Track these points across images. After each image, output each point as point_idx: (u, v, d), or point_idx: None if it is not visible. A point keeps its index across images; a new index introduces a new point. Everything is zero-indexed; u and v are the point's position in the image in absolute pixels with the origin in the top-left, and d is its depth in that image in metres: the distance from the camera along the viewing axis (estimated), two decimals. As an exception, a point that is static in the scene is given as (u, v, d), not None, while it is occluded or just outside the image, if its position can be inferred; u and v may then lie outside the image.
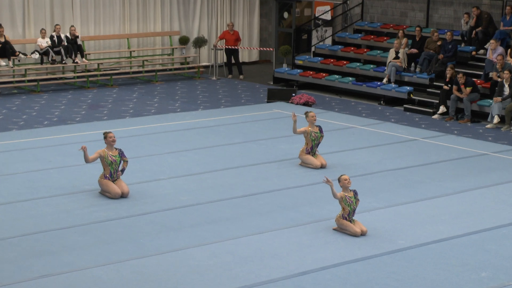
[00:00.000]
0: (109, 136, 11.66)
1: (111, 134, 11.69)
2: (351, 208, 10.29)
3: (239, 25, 25.44)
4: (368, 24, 22.82)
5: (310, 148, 13.36)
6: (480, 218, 11.07)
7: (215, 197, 11.82)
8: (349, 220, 10.32)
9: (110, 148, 11.68)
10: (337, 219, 10.39)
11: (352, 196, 10.34)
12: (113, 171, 11.66)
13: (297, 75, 21.71)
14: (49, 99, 19.69)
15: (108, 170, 11.63)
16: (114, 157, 11.63)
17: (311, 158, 13.40)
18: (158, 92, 20.93)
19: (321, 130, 13.44)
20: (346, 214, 10.31)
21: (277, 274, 9.02)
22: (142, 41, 23.82)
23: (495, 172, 13.45)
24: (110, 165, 11.61)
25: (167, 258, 9.43)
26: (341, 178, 10.37)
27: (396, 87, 19.63)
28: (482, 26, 19.75)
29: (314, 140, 13.32)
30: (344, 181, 10.33)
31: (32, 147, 14.66)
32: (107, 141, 11.67)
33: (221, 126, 16.57)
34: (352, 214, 10.35)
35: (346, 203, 10.29)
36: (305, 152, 13.42)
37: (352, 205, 10.30)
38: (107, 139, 11.67)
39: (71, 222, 10.63)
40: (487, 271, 9.20)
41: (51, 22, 21.96)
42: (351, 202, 10.30)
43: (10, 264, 9.23)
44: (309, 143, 13.34)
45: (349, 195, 10.33)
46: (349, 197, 10.31)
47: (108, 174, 11.66)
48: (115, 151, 11.73)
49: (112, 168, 11.64)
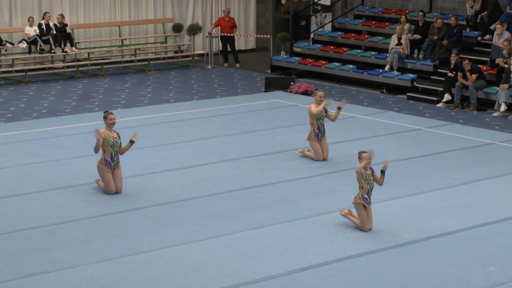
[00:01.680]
0: (110, 118, 11.49)
1: (112, 116, 11.51)
2: (369, 186, 10.19)
3: (235, 11, 25.34)
4: (369, 9, 22.82)
5: (317, 130, 13.13)
6: (487, 210, 11.05)
7: (211, 191, 11.79)
8: (369, 199, 10.18)
9: (109, 129, 11.52)
10: (356, 201, 10.23)
11: (370, 173, 10.23)
12: (114, 153, 11.51)
13: (295, 63, 21.69)
14: (38, 90, 19.68)
15: (109, 152, 11.48)
16: (114, 139, 11.50)
17: (317, 146, 13.19)
18: (151, 82, 20.95)
19: (325, 110, 13.29)
20: (365, 193, 10.18)
21: (277, 270, 9.00)
22: (134, 29, 23.77)
23: (502, 162, 13.44)
24: (112, 146, 11.46)
25: (162, 255, 9.41)
26: (361, 155, 10.21)
27: (398, 75, 19.60)
28: (488, 10, 19.76)
29: (319, 119, 13.14)
30: (364, 159, 10.15)
31: (20, 140, 14.60)
32: (107, 122, 11.50)
33: (217, 116, 16.56)
34: (371, 192, 10.23)
35: (366, 180, 10.17)
36: (313, 134, 13.18)
37: (371, 183, 10.19)
38: (107, 120, 11.50)
39: (62, 218, 10.60)
40: (495, 265, 9.17)
41: (39, 10, 21.95)
42: (369, 180, 10.18)
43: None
44: (315, 123, 13.13)
45: (367, 172, 10.20)
46: (368, 174, 10.20)
47: (109, 157, 11.47)
48: (114, 132, 11.57)
49: (113, 150, 11.50)
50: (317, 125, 13.14)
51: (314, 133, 13.19)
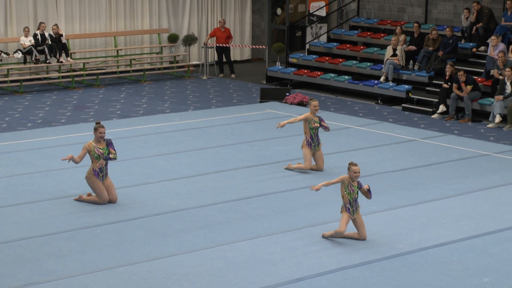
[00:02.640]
0: (99, 131, 11.50)
1: (102, 130, 11.52)
2: (351, 197, 10.13)
3: (231, 22, 25.34)
4: (365, 20, 22.81)
5: (310, 139, 13.09)
6: (482, 221, 11.03)
7: (206, 201, 11.76)
8: (352, 210, 10.12)
9: (97, 141, 11.53)
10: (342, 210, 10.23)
11: (355, 186, 10.14)
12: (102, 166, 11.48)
13: (291, 73, 21.66)
14: (33, 100, 19.63)
15: (97, 163, 11.45)
16: (101, 150, 11.47)
17: (308, 154, 13.14)
18: (147, 92, 20.92)
19: (321, 120, 13.22)
20: (347, 203, 10.14)
21: (272, 280, 8.97)
22: (130, 39, 23.72)
23: (497, 173, 13.42)
24: (98, 158, 11.45)
25: (157, 265, 9.38)
26: (351, 167, 10.13)
27: (394, 86, 19.59)
28: (483, 22, 19.77)
29: (312, 129, 13.08)
30: (353, 173, 10.12)
31: (15, 150, 14.56)
32: (96, 134, 11.51)
33: (213, 127, 16.52)
34: (354, 203, 10.15)
35: (347, 190, 10.12)
36: (306, 143, 13.15)
37: (353, 194, 10.13)
38: (96, 132, 11.51)
39: (56, 228, 10.56)
40: (489, 276, 9.16)
41: (34, 20, 21.91)
42: (352, 191, 10.12)
43: (-8, 272, 9.17)
44: (308, 132, 13.09)
45: (353, 183, 10.13)
46: (353, 185, 10.12)
47: (98, 168, 11.44)
48: (102, 143, 11.55)
49: (100, 158, 11.47)
50: (310, 134, 13.11)
51: (307, 141, 13.17)
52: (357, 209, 10.21)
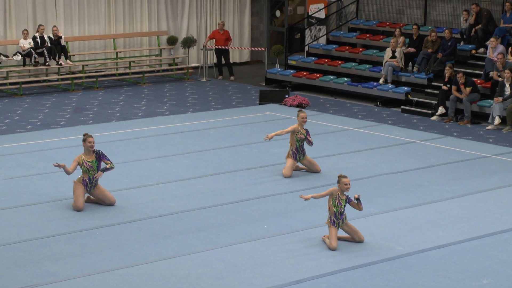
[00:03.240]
0: (88, 140, 11.38)
1: (91, 139, 11.39)
2: (337, 210, 10.05)
3: (230, 24, 25.33)
4: (364, 22, 22.80)
5: (295, 150, 13.00)
6: (481, 223, 11.01)
7: (205, 203, 11.73)
8: (338, 223, 10.07)
9: (87, 152, 11.42)
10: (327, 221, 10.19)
11: (343, 199, 10.05)
12: (91, 177, 11.39)
13: (290, 75, 21.65)
14: (32, 102, 19.61)
15: (87, 175, 11.38)
16: (89, 163, 11.36)
17: (290, 164, 12.98)
18: (146, 94, 20.90)
19: (307, 133, 13.07)
20: (332, 215, 10.08)
21: (271, 282, 8.96)
22: (129, 41, 23.72)
23: (497, 175, 13.40)
24: (87, 171, 11.36)
25: (156, 267, 9.35)
26: (341, 180, 10.05)
27: (393, 88, 19.58)
28: (482, 24, 19.76)
29: (298, 141, 12.97)
30: (344, 185, 10.04)
31: (14, 152, 14.54)
32: (85, 145, 11.42)
33: (212, 129, 16.51)
34: (339, 216, 10.07)
35: (334, 202, 10.04)
36: (291, 154, 13.05)
37: (339, 207, 10.04)
38: (85, 142, 11.41)
39: (55, 230, 10.54)
40: (488, 278, 9.15)
41: (33, 23, 21.90)
42: (339, 204, 10.03)
43: (-9, 275, 9.16)
44: (293, 144, 13.01)
45: (341, 196, 10.05)
46: (341, 199, 10.03)
47: (87, 178, 11.38)
48: (92, 155, 11.42)
49: (90, 174, 11.37)
50: (296, 146, 12.99)
51: (292, 153, 13.05)
52: (344, 221, 10.12)
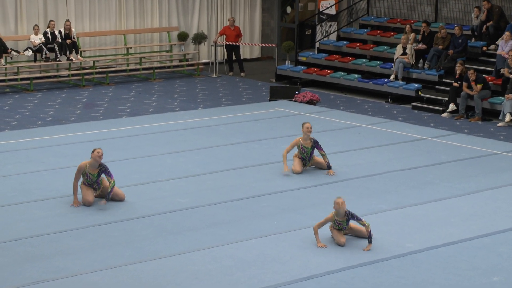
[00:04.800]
0: (97, 151, 11.35)
1: (99, 150, 11.36)
2: (338, 228, 10.06)
3: (240, 20, 25.33)
4: (374, 19, 22.76)
5: (300, 158, 13.03)
6: (491, 220, 10.97)
7: (215, 200, 11.73)
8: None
9: (93, 164, 11.37)
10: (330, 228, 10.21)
11: (343, 221, 10.01)
12: (89, 183, 11.43)
13: (300, 72, 21.63)
14: (43, 98, 19.63)
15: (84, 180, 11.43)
16: (90, 176, 11.38)
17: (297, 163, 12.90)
18: (156, 90, 20.87)
19: (315, 145, 12.87)
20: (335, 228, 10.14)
21: (280, 279, 8.95)
22: (139, 37, 23.72)
23: (507, 172, 13.35)
24: (86, 180, 11.39)
25: (166, 263, 9.36)
26: (334, 201, 10.02)
27: (403, 84, 19.51)
28: (493, 21, 19.71)
29: (302, 153, 12.96)
30: (336, 204, 9.97)
31: (25, 148, 14.56)
32: (93, 155, 11.36)
33: (222, 125, 16.50)
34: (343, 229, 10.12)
35: (335, 224, 10.05)
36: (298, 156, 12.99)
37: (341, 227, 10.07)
38: (93, 153, 11.37)
39: (66, 226, 10.55)
40: (499, 275, 9.11)
41: (44, 18, 21.93)
42: (341, 225, 10.05)
43: (2, 269, 9.15)
44: (299, 155, 13.02)
45: (340, 219, 9.99)
46: (339, 221, 10.01)
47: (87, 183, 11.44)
48: (96, 169, 11.39)
49: (88, 181, 11.41)
50: (301, 156, 12.94)
51: (298, 156, 13.02)
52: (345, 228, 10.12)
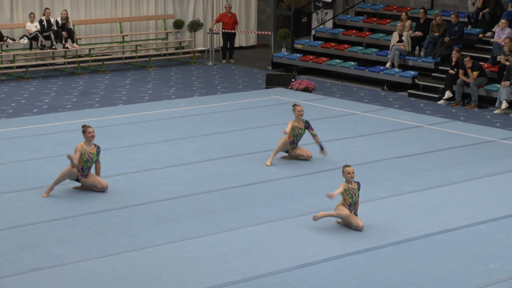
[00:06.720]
0: (88, 131, 11.30)
1: (90, 129, 11.32)
2: (352, 200, 10.12)
3: (236, 7, 25.30)
4: (370, 6, 22.75)
5: (291, 142, 12.97)
6: (488, 207, 10.99)
7: (211, 187, 11.72)
8: (350, 211, 10.18)
9: (88, 143, 11.34)
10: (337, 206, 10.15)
11: (356, 188, 10.14)
12: (86, 168, 11.34)
13: (296, 59, 21.62)
14: (39, 86, 19.62)
15: (81, 164, 11.30)
16: (91, 155, 11.31)
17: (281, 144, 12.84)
18: (152, 78, 20.88)
19: (307, 125, 12.90)
20: (347, 204, 10.13)
21: (277, 266, 8.97)
22: (135, 25, 23.66)
23: (504, 159, 13.36)
24: (85, 162, 11.30)
25: (162, 251, 9.37)
26: (344, 169, 10.16)
27: (400, 72, 19.53)
28: (490, 8, 19.72)
29: (296, 135, 12.95)
30: (347, 174, 10.12)
31: (21, 136, 14.54)
32: (86, 136, 11.33)
33: (218, 113, 16.49)
34: (353, 206, 10.15)
35: (349, 194, 10.11)
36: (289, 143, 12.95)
37: (354, 197, 10.12)
38: (85, 133, 11.32)
39: (62, 214, 10.55)
40: (495, 262, 9.13)
41: (40, 6, 21.87)
42: (353, 194, 10.12)
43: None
44: (291, 137, 12.95)
45: (352, 186, 10.13)
46: (353, 188, 10.12)
47: (80, 168, 11.30)
48: (93, 147, 11.38)
49: (86, 165, 11.33)
50: (293, 139, 12.88)
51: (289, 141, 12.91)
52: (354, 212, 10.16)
